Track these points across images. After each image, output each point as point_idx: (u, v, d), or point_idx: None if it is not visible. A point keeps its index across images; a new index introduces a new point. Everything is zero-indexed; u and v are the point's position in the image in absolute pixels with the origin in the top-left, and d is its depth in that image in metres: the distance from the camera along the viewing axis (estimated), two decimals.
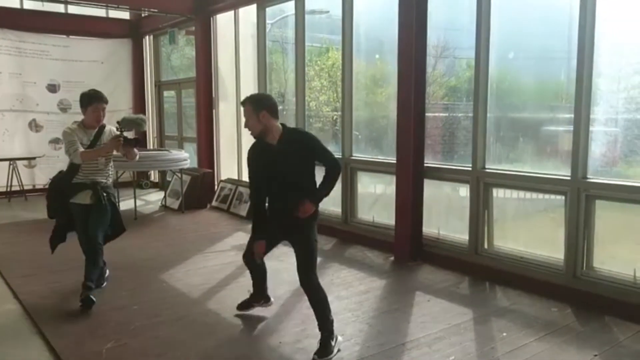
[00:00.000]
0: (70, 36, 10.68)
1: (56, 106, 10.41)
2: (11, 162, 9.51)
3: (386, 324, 4.16)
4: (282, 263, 5.77)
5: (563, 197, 4.74)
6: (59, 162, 10.53)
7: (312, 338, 3.84)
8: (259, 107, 3.59)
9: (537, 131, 5.24)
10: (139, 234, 7.02)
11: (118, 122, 4.60)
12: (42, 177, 10.29)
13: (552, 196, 5.02)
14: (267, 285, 4.43)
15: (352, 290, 4.91)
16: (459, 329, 4.04)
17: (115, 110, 11.06)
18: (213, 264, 5.76)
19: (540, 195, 5.17)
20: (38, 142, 10.26)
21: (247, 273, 5.37)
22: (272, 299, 4.48)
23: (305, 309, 4.40)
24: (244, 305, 4.40)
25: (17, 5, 9.87)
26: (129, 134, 4.17)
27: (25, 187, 9.78)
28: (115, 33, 11.02)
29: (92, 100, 4.49)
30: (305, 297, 4.59)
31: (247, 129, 3.72)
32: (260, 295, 4.41)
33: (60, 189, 4.70)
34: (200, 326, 4.10)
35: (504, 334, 3.94)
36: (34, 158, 10.03)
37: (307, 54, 7.60)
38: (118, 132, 4.56)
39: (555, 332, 3.98)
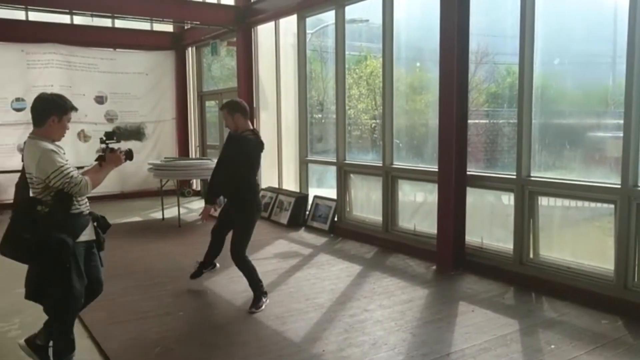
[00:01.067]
0: (117, 49, 11.05)
1: (103, 117, 10.77)
2: None
3: (430, 333, 4.12)
4: (323, 271, 5.81)
5: (613, 206, 4.61)
6: None
7: (355, 347, 3.85)
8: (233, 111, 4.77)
9: (583, 138, 5.11)
10: (182, 241, 7.19)
11: (108, 133, 3.68)
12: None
13: (600, 204, 4.88)
14: (216, 257, 5.19)
15: (394, 299, 4.88)
16: (505, 340, 3.96)
17: (160, 121, 11.45)
18: None
19: (587, 204, 5.03)
20: (86, 152, 10.58)
21: (289, 280, 5.47)
22: (217, 265, 5.28)
23: (347, 317, 4.43)
24: (196, 275, 5.22)
25: (68, 21, 10.29)
26: (115, 146, 3.73)
27: None
28: (159, 45, 11.35)
29: (68, 108, 3.38)
30: (349, 307, 4.65)
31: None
32: (208, 263, 5.21)
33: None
34: (243, 334, 4.15)
35: (552, 347, 3.85)
36: (82, 167, 10.36)
37: (346, 62, 7.62)
38: (103, 146, 3.64)
39: (606, 346, 3.85)
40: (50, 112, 3.31)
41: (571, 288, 4.80)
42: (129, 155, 3.68)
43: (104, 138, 3.63)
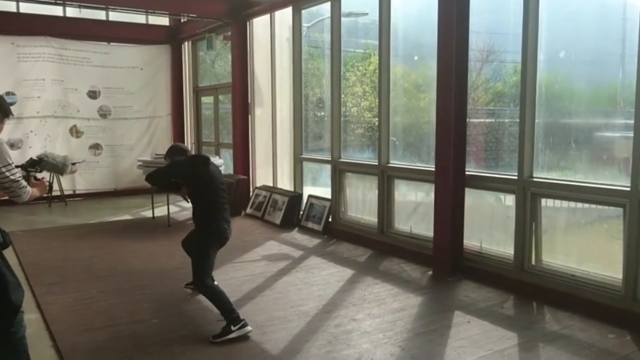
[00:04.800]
0: (111, 43, 10.77)
1: (96, 112, 10.50)
2: None
3: (420, 347, 3.80)
4: (312, 276, 5.50)
5: (621, 210, 4.27)
6: (99, 167, 10.66)
7: None
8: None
9: (590, 137, 4.77)
10: (170, 242, 6.88)
11: (32, 162, 3.55)
12: (82, 182, 10.41)
13: (608, 208, 4.54)
14: None
15: (385, 307, 4.57)
16: (502, 356, 3.64)
17: (155, 117, 11.17)
18: (242, 274, 5.53)
19: (594, 207, 4.69)
20: (78, 148, 10.35)
21: (275, 285, 5.17)
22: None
23: (333, 327, 4.12)
24: (191, 283, 4.73)
25: (60, 13, 10.02)
26: (38, 175, 3.54)
27: (66, 193, 9.87)
28: (154, 39, 11.05)
29: (7, 110, 3.11)
30: (335, 315, 4.34)
31: None
32: None
33: None
34: (219, 346, 3.83)
35: None
36: (74, 163, 10.11)
37: (349, 59, 7.34)
38: (25, 172, 3.52)
39: None
40: None
41: (575, 298, 4.46)
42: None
43: (26, 165, 3.60)
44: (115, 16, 10.38)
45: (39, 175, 3.38)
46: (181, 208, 9.43)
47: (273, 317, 4.35)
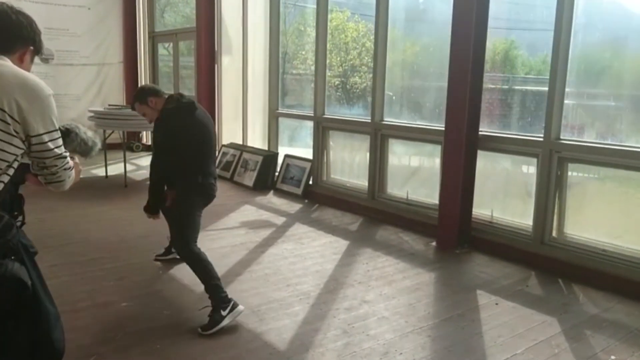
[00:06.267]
0: None
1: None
2: None
3: (453, 337, 3.19)
4: (303, 247, 4.80)
5: None
6: None
7: (362, 358, 2.88)
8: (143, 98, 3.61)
9: (636, 93, 4.20)
10: (130, 205, 5.98)
11: (61, 132, 2.08)
12: None
13: None
14: None
15: (396, 286, 3.93)
16: (550, 346, 3.09)
17: (105, 64, 9.95)
18: (220, 245, 4.75)
19: (633, 173, 4.14)
20: None
21: (262, 258, 4.45)
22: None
23: (343, 311, 3.47)
24: (163, 255, 4.29)
25: None
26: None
27: None
28: None
29: (39, 44, 2.10)
30: (342, 296, 3.68)
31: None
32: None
33: None
34: (206, 339, 3.10)
35: (613, 358, 2.99)
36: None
37: (308, 15, 6.72)
38: None
39: None
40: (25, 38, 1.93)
41: (607, 276, 3.97)
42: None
43: None
44: None
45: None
46: (137, 167, 8.45)
47: (269, 299, 3.64)
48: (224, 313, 3.15)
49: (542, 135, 4.36)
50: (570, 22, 4.16)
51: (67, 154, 1.91)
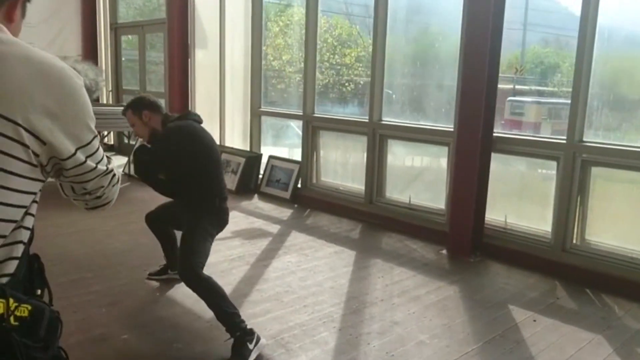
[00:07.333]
0: None
1: None
2: None
3: None
4: (308, 259, 4.41)
5: None
6: None
7: None
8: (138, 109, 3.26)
9: None
10: (105, 213, 5.40)
11: None
12: None
13: None
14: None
15: (422, 303, 3.61)
16: None
17: (63, 58, 9.10)
18: (216, 259, 4.20)
19: None
20: None
21: (267, 274, 4.03)
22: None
23: (376, 336, 3.10)
24: (160, 272, 3.81)
25: None
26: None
27: None
28: None
29: None
30: (369, 317, 3.34)
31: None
32: (174, 262, 3.54)
33: None
34: None
35: None
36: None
37: (270, 9, 6.70)
38: None
39: None
40: None
41: (638, 285, 3.79)
42: None
43: None
44: None
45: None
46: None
47: (288, 324, 3.24)
48: (250, 346, 2.73)
49: (564, 138, 4.14)
50: (595, 26, 3.96)
51: (112, 164, 1.34)
